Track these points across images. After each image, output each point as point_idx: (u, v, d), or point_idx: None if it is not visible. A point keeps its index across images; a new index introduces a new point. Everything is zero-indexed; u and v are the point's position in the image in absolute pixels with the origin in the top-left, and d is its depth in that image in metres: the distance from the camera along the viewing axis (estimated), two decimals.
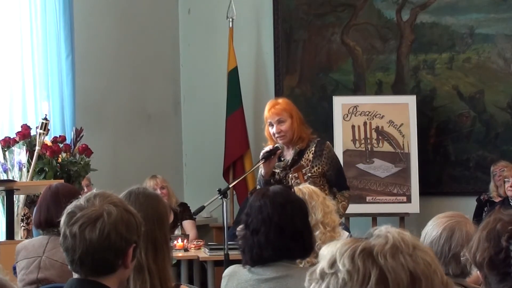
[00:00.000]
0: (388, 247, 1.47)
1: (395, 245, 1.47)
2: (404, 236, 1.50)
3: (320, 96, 7.87)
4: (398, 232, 1.51)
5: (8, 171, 5.47)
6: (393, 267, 1.45)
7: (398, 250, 1.47)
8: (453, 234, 2.93)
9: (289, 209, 3.02)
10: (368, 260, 1.45)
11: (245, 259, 3.05)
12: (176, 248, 6.01)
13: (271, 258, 2.99)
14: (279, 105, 5.16)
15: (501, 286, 2.19)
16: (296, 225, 3.00)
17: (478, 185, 7.41)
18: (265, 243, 2.97)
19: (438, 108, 7.65)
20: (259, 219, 2.99)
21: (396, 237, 1.49)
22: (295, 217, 3.02)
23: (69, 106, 6.64)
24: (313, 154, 5.13)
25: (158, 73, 8.21)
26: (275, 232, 2.96)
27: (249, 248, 3.01)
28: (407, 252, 1.47)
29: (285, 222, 2.98)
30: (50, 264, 3.90)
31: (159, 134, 8.14)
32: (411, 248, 1.48)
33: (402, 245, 1.48)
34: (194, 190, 8.11)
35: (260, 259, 3.00)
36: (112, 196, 2.41)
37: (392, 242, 1.48)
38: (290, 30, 8.00)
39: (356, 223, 7.12)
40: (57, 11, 6.57)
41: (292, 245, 2.98)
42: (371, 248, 1.47)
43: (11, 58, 6.41)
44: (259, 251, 2.98)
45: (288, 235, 2.97)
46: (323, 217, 3.41)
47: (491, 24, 7.54)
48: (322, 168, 5.11)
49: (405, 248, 1.47)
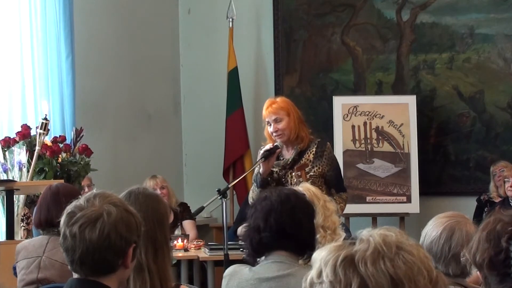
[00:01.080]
0: (369, 253, 1.47)
1: (377, 249, 1.47)
2: (387, 238, 1.50)
3: (320, 96, 7.87)
4: (380, 234, 1.50)
5: (8, 171, 5.47)
6: (373, 274, 1.45)
7: (380, 255, 1.46)
8: (453, 234, 2.93)
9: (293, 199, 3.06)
10: (349, 270, 1.46)
11: (246, 250, 3.07)
12: (176, 248, 6.00)
13: (269, 244, 2.99)
14: (276, 104, 5.15)
15: (501, 287, 2.19)
16: (298, 214, 3.03)
17: (478, 185, 7.41)
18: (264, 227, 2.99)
19: (438, 108, 7.65)
20: (262, 205, 3.03)
21: (377, 240, 1.49)
22: (297, 206, 3.05)
23: (69, 106, 6.63)
24: (314, 155, 5.13)
25: (158, 73, 8.21)
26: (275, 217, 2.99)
27: (248, 233, 3.03)
28: (389, 256, 1.46)
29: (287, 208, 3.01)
30: (50, 264, 3.90)
31: (159, 134, 8.14)
32: (393, 250, 1.47)
33: (384, 248, 1.47)
34: (194, 190, 8.11)
35: (258, 245, 3.00)
36: (112, 196, 2.41)
37: (374, 247, 1.47)
38: (290, 30, 8.00)
39: (356, 223, 7.12)
40: (57, 11, 6.57)
41: (291, 232, 3.00)
42: (352, 255, 1.47)
43: (11, 58, 6.40)
44: (257, 236, 2.99)
45: (288, 222, 3.00)
46: (323, 221, 3.43)
47: (491, 24, 7.55)
48: (322, 169, 5.11)
49: (387, 252, 1.47)
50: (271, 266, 3.01)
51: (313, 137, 5.23)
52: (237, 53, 7.85)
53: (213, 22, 8.26)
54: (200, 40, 8.34)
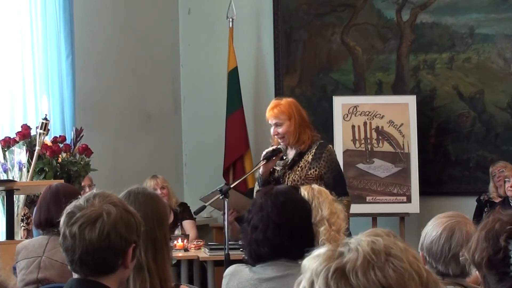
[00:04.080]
0: (359, 263, 1.46)
1: (366, 259, 1.46)
2: (375, 245, 1.49)
3: (320, 96, 7.87)
4: (368, 242, 1.49)
5: (8, 171, 5.47)
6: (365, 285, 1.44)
7: (370, 264, 1.46)
8: (453, 234, 2.92)
9: (289, 208, 3.02)
10: (340, 282, 1.45)
11: (245, 256, 3.07)
12: (176, 248, 6.01)
13: (268, 256, 2.99)
14: (278, 108, 5.16)
15: (500, 286, 2.19)
16: (296, 225, 3.01)
17: (478, 185, 7.41)
18: (262, 240, 2.98)
19: (438, 108, 7.65)
20: (259, 216, 3.00)
21: (366, 249, 1.48)
22: (295, 216, 3.02)
23: (69, 106, 6.64)
24: (313, 156, 5.13)
25: (158, 73, 8.21)
26: (273, 230, 2.97)
27: (247, 244, 3.02)
28: (378, 266, 1.46)
29: (284, 221, 2.99)
30: (50, 264, 3.90)
31: (159, 134, 8.14)
32: (383, 258, 1.47)
33: (373, 257, 1.47)
34: (194, 190, 8.09)
35: (257, 256, 3.01)
36: (112, 196, 2.41)
37: (363, 256, 1.47)
38: (290, 30, 8.00)
39: (356, 223, 7.09)
40: (57, 11, 6.57)
41: (290, 245, 2.98)
42: (343, 267, 1.47)
43: (11, 58, 6.40)
44: (256, 248, 2.99)
45: (286, 234, 2.98)
46: (329, 215, 3.40)
47: (491, 24, 7.54)
48: (319, 171, 5.11)
49: (377, 261, 1.46)
50: (272, 266, 3.01)
51: (317, 138, 5.23)
52: (237, 53, 7.85)
53: (213, 22, 8.25)
54: (200, 40, 8.34)
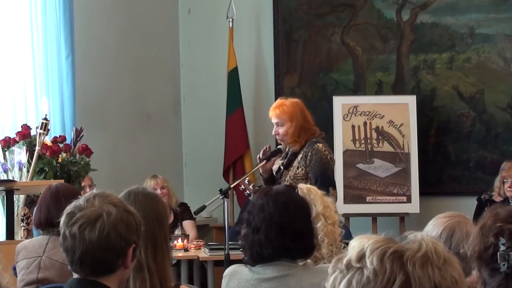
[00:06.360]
0: (419, 255, 1.46)
1: (427, 254, 1.47)
2: (438, 247, 1.50)
3: (320, 96, 7.86)
4: (433, 242, 1.50)
5: (8, 171, 5.48)
6: (420, 276, 1.45)
7: (429, 260, 1.46)
8: (453, 234, 2.92)
9: (291, 208, 3.02)
10: (396, 264, 1.45)
11: (246, 257, 3.06)
12: (176, 248, 6.01)
13: (271, 257, 2.99)
14: (280, 108, 5.17)
15: (491, 281, 2.20)
16: (297, 225, 3.01)
17: (478, 185, 7.40)
18: (265, 241, 2.97)
19: (438, 108, 7.64)
20: (261, 217, 3.00)
21: (429, 246, 1.49)
22: (296, 217, 3.02)
23: (69, 106, 6.64)
24: (301, 155, 5.15)
25: (158, 73, 8.21)
26: (276, 231, 2.97)
27: (249, 246, 3.02)
28: (437, 265, 1.47)
29: (286, 221, 2.99)
30: (50, 264, 3.90)
31: (159, 134, 8.14)
32: (441, 261, 1.48)
33: (434, 256, 1.47)
34: (194, 190, 8.11)
35: (260, 257, 3.01)
36: (112, 196, 2.41)
37: (425, 251, 1.47)
38: (290, 30, 8.00)
39: (356, 223, 7.12)
40: (57, 11, 6.57)
41: (292, 245, 2.99)
42: (402, 252, 1.47)
43: (11, 58, 6.41)
44: (259, 250, 2.99)
45: (288, 235, 2.98)
46: (323, 209, 3.42)
47: (491, 24, 7.54)
48: (305, 170, 5.12)
49: (436, 260, 1.47)
50: (271, 266, 3.01)
51: (314, 137, 5.22)
52: (237, 53, 7.85)
53: (213, 22, 8.25)
54: (200, 40, 8.34)
